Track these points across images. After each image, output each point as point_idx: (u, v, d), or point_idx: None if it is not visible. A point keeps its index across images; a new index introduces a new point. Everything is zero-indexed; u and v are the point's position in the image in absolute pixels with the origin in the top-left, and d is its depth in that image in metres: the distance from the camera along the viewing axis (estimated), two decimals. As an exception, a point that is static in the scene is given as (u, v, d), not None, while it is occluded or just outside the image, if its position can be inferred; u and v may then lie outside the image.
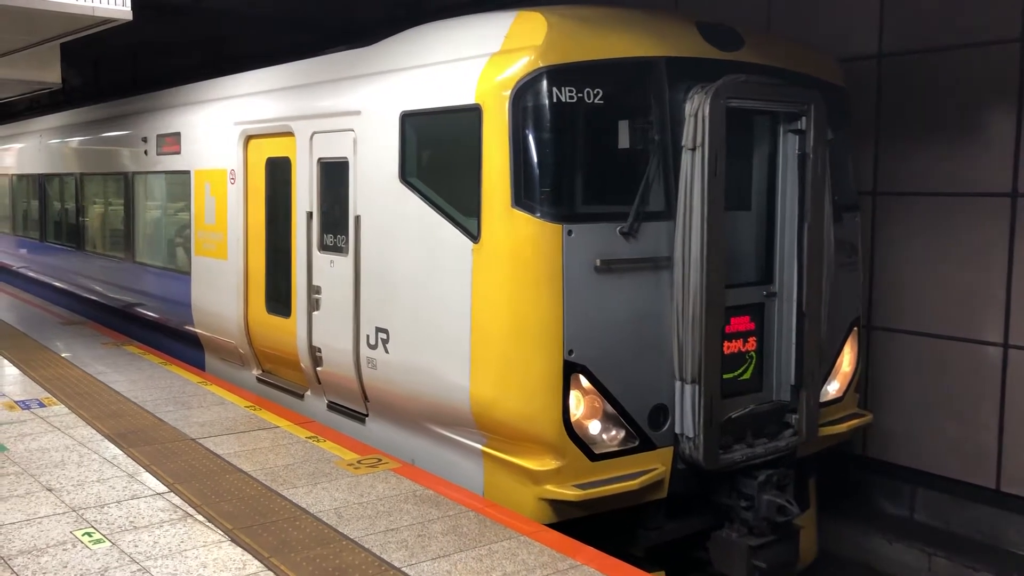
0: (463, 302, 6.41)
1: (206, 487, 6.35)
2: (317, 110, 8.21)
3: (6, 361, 10.41)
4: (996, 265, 8.21)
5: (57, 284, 15.73)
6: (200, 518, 5.80)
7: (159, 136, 11.41)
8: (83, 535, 5.49)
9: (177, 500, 6.10)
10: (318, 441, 7.48)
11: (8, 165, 18.79)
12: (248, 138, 9.33)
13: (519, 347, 6.16)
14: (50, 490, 6.25)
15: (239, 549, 5.34)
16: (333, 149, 7.89)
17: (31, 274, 17.25)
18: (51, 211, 16.15)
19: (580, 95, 6.13)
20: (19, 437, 7.48)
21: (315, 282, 8.13)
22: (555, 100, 6.07)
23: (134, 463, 6.85)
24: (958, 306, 8.50)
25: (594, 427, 6.28)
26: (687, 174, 6.31)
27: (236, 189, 9.51)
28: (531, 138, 6.11)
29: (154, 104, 12.02)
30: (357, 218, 7.52)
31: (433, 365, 6.72)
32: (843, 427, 7.65)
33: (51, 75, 11.85)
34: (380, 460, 7.02)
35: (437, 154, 7.03)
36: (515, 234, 6.13)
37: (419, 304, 6.86)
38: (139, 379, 9.61)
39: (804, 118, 6.85)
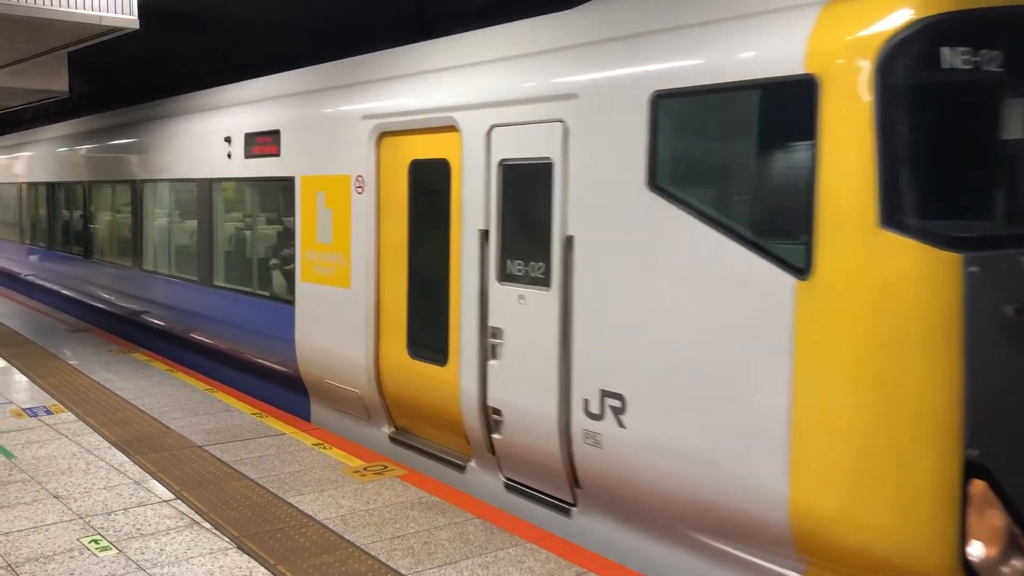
0: (775, 365, 4.59)
1: (212, 494, 6.36)
2: (498, 96, 6.38)
3: (13, 368, 10.44)
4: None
5: (105, 307, 14.15)
6: (207, 525, 5.81)
7: (248, 135, 9.54)
8: (90, 542, 5.50)
9: (184, 507, 6.11)
10: (324, 448, 7.49)
11: (43, 172, 16.95)
12: (382, 135, 7.58)
13: (889, 439, 4.32)
14: (57, 497, 6.27)
15: (245, 556, 5.35)
16: (526, 147, 6.12)
17: (75, 295, 15.54)
18: (98, 224, 14.28)
19: (976, 59, 4.29)
20: (26, 444, 7.50)
21: (493, 323, 6.40)
22: (948, 67, 4.25)
23: (141, 470, 6.87)
24: None
25: (990, 553, 4.44)
26: None
27: (364, 200, 7.69)
28: (914, 124, 4.28)
29: (240, 97, 10.18)
30: (568, 239, 5.77)
31: (714, 453, 4.92)
32: None
33: (58, 83, 11.96)
34: (386, 467, 7.02)
35: (725, 150, 5.13)
36: (883, 267, 4.27)
37: (684, 363, 5.06)
38: (146, 386, 9.63)
39: None
